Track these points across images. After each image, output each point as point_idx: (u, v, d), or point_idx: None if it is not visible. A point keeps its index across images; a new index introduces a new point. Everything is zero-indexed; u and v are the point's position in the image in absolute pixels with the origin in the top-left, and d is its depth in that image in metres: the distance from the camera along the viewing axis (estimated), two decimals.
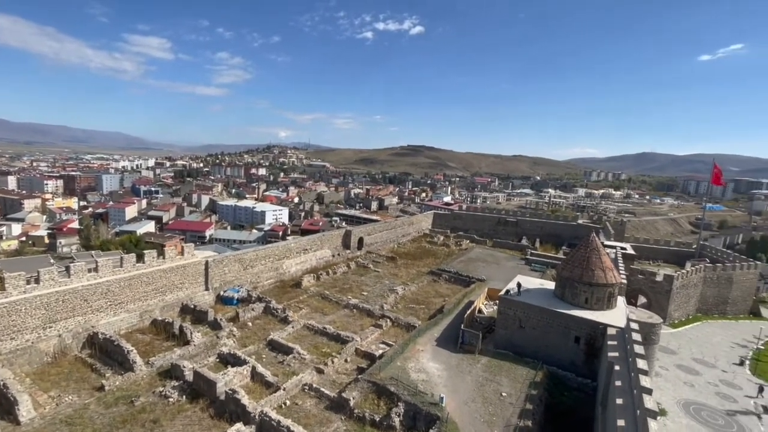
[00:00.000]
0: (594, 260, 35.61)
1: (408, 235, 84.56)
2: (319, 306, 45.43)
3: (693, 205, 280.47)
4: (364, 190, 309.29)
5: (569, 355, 33.31)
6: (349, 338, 36.07)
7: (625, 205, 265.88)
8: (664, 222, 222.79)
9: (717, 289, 62.10)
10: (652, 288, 55.26)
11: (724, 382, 41.35)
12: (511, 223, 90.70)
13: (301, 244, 58.86)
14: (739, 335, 55.66)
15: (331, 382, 30.40)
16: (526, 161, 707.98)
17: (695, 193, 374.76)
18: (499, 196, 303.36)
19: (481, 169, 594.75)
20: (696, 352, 47.88)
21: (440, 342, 35.94)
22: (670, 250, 78.75)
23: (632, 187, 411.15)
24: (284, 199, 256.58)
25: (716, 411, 35.46)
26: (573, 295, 35.61)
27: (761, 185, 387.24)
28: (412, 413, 25.73)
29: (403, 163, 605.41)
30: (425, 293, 51.64)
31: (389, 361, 31.23)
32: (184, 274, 41.49)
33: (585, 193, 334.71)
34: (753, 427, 33.66)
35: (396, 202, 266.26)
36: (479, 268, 62.39)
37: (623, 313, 34.05)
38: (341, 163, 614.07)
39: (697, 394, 38.15)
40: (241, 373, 28.92)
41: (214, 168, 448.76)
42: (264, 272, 51.33)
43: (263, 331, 38.11)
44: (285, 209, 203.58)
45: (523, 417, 26.15)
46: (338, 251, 66.07)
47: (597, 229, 73.88)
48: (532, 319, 35.08)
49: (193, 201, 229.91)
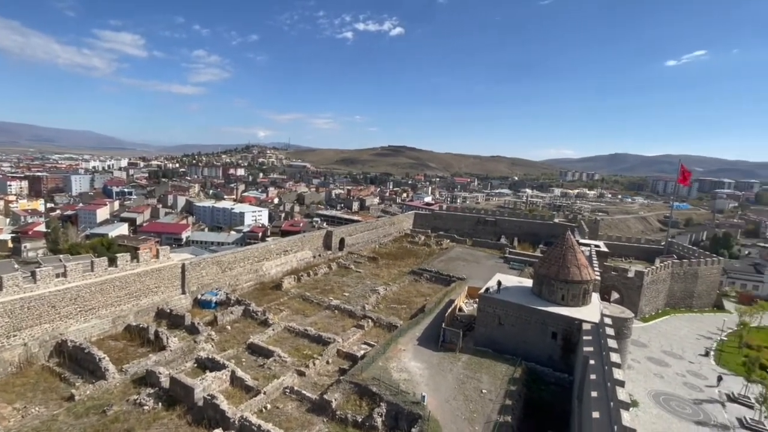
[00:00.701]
0: (569, 258, 36.67)
1: (389, 235, 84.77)
2: (300, 308, 44.97)
3: (661, 204, 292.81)
4: (345, 191, 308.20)
5: (547, 350, 34.17)
6: (330, 339, 35.86)
7: (598, 205, 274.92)
8: (635, 220, 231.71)
9: (684, 284, 65.09)
10: (624, 284, 57.38)
11: (691, 372, 43.38)
12: (490, 222, 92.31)
13: (281, 246, 58.11)
14: (704, 327, 58.55)
15: (313, 384, 30.15)
16: (504, 162, 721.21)
17: (663, 192, 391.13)
18: (478, 196, 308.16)
19: (461, 169, 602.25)
20: (665, 345, 50.03)
21: (422, 341, 36.22)
22: (641, 247, 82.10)
23: (605, 186, 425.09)
24: (264, 200, 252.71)
25: (684, 400, 37.17)
26: (550, 292, 36.56)
27: (723, 185, 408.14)
28: (394, 413, 25.82)
29: (383, 163, 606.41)
30: (407, 293, 51.91)
31: (371, 362, 31.24)
32: (159, 278, 40.27)
33: (561, 193, 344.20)
34: (717, 414, 35.47)
35: (377, 203, 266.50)
36: (459, 267, 63.20)
37: (597, 309, 35.19)
38: (322, 163, 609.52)
39: (666, 384, 39.87)
40: (219, 378, 28.31)
41: (190, 168, 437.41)
42: (243, 274, 50.42)
43: (243, 334, 37.42)
44: (264, 210, 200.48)
45: (502, 413, 26.66)
46: (319, 252, 65.59)
47: (572, 228, 76.15)
48: (510, 316, 35.81)
49: (169, 202, 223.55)
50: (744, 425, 34.39)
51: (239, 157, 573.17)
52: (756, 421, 34.71)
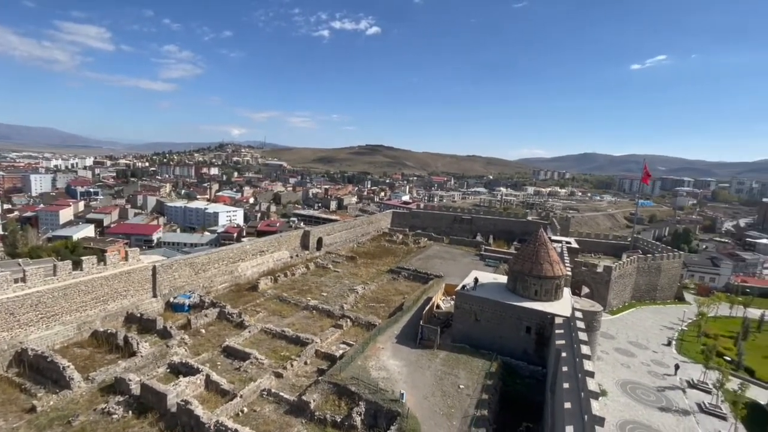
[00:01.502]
0: (542, 254, 37.82)
1: (367, 234, 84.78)
2: (277, 309, 44.37)
3: (628, 202, 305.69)
4: (323, 190, 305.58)
5: (521, 344, 35.16)
6: (308, 340, 35.59)
7: (569, 202, 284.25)
8: (603, 217, 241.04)
9: (648, 278, 68.33)
10: (594, 278, 59.68)
11: (654, 361, 45.65)
12: (467, 220, 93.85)
13: (257, 246, 57.09)
14: (666, 318, 61.68)
15: (291, 385, 29.86)
16: (479, 161, 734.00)
17: (629, 190, 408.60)
18: (455, 195, 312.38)
19: (438, 168, 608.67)
20: (631, 336, 52.40)
21: (400, 339, 36.49)
22: (609, 243, 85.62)
23: (575, 185, 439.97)
24: (239, 200, 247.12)
25: (649, 388, 39.10)
26: (524, 287, 37.61)
27: (683, 183, 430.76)
28: (373, 411, 25.93)
29: (361, 162, 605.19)
30: (385, 291, 52.12)
31: (350, 361, 31.23)
32: (128, 281, 38.77)
33: (534, 191, 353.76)
34: (679, 400, 37.53)
35: (355, 202, 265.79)
36: (437, 265, 63.98)
37: (569, 303, 36.49)
38: (299, 162, 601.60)
39: (632, 374, 41.81)
40: (194, 383, 27.58)
41: (161, 167, 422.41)
42: (218, 276, 49.23)
43: (218, 337, 36.59)
44: (239, 210, 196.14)
45: (479, 407, 27.26)
46: (297, 252, 64.84)
47: (545, 225, 78.44)
48: (486, 312, 36.60)
49: (139, 203, 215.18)
50: (703, 410, 36.54)
51: (213, 156, 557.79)
52: (713, 405, 36.95)
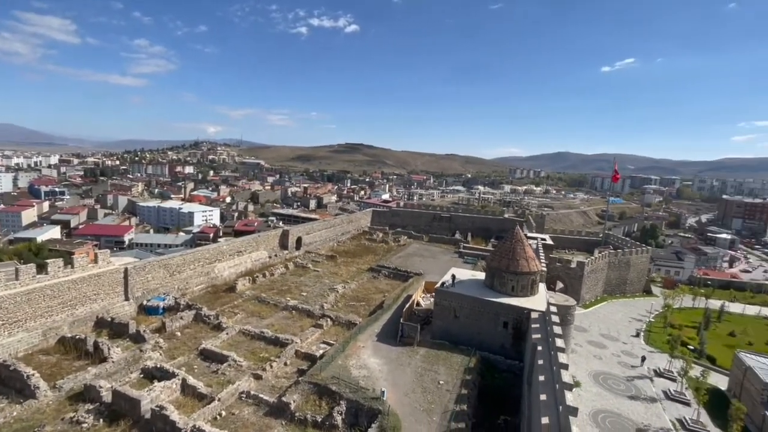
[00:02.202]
0: (518, 251, 38.77)
1: (347, 233, 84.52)
2: (255, 310, 43.71)
3: (599, 199, 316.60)
4: (302, 189, 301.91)
5: (499, 339, 35.98)
6: (288, 341, 35.25)
7: (544, 200, 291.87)
8: (576, 214, 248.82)
9: (618, 272, 71.11)
10: (568, 274, 61.60)
11: (624, 352, 47.62)
12: (445, 218, 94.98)
13: (234, 246, 55.98)
14: (635, 311, 64.40)
15: (271, 387, 29.52)
16: (458, 160, 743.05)
17: (601, 188, 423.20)
18: (434, 193, 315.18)
19: (417, 167, 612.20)
20: (603, 329, 54.46)
21: (381, 337, 36.66)
22: (582, 239, 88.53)
23: (550, 183, 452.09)
24: (215, 199, 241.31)
25: (619, 378, 40.77)
26: (501, 283, 38.47)
27: (650, 181, 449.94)
28: (354, 410, 25.98)
29: (341, 160, 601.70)
30: (365, 290, 52.16)
31: (330, 361, 31.16)
32: (98, 284, 37.30)
33: (510, 190, 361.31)
34: (647, 389, 39.33)
35: (335, 201, 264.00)
36: (417, 263, 64.52)
37: (544, 298, 37.56)
38: (277, 160, 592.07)
39: (604, 365, 43.48)
40: (169, 388, 26.86)
41: (133, 166, 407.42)
42: (193, 277, 48.01)
43: (194, 340, 35.73)
44: (216, 210, 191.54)
45: (459, 402, 27.76)
46: (275, 252, 63.98)
47: (521, 223, 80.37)
48: (465, 308, 37.24)
49: (109, 203, 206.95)
50: (668, 397, 38.44)
51: (187, 154, 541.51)
52: (678, 392, 38.93)
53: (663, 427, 33.19)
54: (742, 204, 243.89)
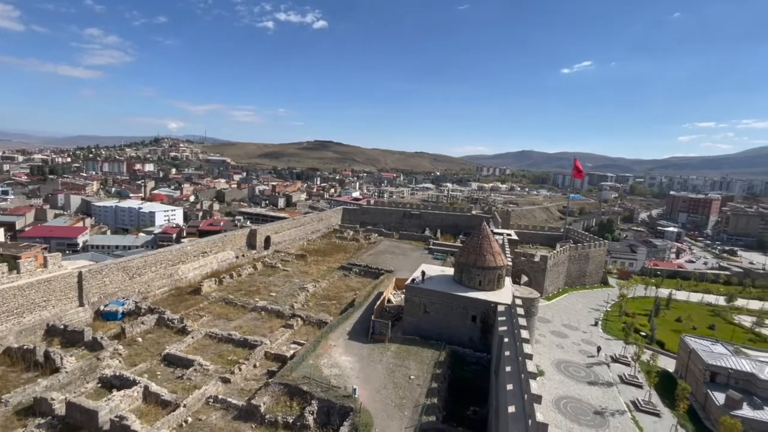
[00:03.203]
0: (485, 246, 39.92)
1: (318, 231, 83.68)
2: (222, 312, 42.49)
3: (561, 196, 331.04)
4: (270, 187, 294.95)
5: (468, 333, 36.93)
6: (257, 342, 34.55)
7: (509, 197, 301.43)
8: (539, 210, 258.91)
9: (578, 265, 74.87)
10: (532, 267, 64.17)
11: (584, 341, 50.31)
12: (415, 216, 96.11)
13: (199, 247, 54.06)
14: (594, 301, 68.15)
15: (240, 390, 28.86)
16: (427, 158, 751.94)
17: (562, 185, 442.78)
18: (404, 191, 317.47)
19: (387, 164, 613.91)
20: (565, 319, 57.24)
21: (352, 335, 36.69)
22: (545, 234, 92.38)
23: (515, 180, 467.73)
24: (177, 198, 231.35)
25: (579, 365, 43.06)
26: (469, 278, 39.49)
27: (607, 178, 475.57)
28: (326, 409, 25.88)
29: (310, 157, 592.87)
30: (336, 288, 51.96)
31: (301, 361, 30.84)
32: (48, 290, 34.92)
33: (477, 187, 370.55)
34: (604, 374, 41.81)
35: (304, 199, 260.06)
36: (387, 260, 64.97)
37: (510, 292, 38.91)
38: (243, 158, 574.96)
39: (565, 353, 45.75)
40: (130, 396, 25.64)
41: (87, 163, 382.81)
42: (155, 280, 45.97)
43: (157, 345, 34.28)
44: (179, 209, 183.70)
45: (429, 396, 28.29)
46: (243, 252, 62.34)
47: (487, 219, 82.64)
48: (435, 303, 37.94)
49: (60, 202, 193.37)
50: (623, 380, 41.06)
51: (147, 151, 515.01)
52: (632, 376, 41.66)
53: (618, 409, 35.43)
54: (686, 199, 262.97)
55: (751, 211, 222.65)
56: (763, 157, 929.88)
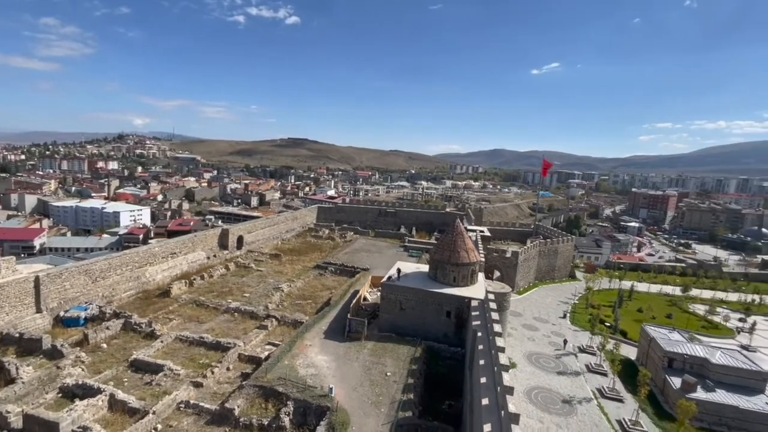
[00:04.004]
0: (459, 243, 40.64)
1: (292, 230, 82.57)
2: (193, 314, 41.29)
3: (531, 193, 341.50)
4: (243, 185, 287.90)
5: (443, 328, 37.55)
6: (230, 344, 33.82)
7: (482, 194, 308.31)
8: (511, 207, 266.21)
9: (548, 260, 77.52)
10: (504, 263, 65.89)
11: (554, 333, 52.20)
12: (391, 213, 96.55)
13: (168, 248, 52.22)
14: (563, 295, 70.77)
15: (212, 394, 28.21)
16: (402, 156, 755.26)
17: (532, 182, 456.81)
18: (379, 189, 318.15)
19: (362, 162, 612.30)
20: (535, 312, 59.16)
21: (328, 334, 36.54)
22: (516, 230, 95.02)
23: (487, 178, 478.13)
24: (144, 197, 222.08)
25: (549, 357, 44.68)
26: (443, 275, 40.12)
27: (574, 176, 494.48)
28: (302, 410, 25.71)
29: (284, 155, 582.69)
30: (312, 288, 51.53)
31: (276, 362, 30.46)
32: (1, 296, 32.79)
33: (451, 185, 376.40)
34: (572, 364, 43.55)
35: (278, 197, 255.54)
36: (363, 258, 64.98)
37: (483, 287, 39.83)
38: (214, 155, 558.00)
39: (536, 345, 47.35)
40: (94, 405, 24.55)
41: (43, 161, 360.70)
42: (121, 283, 44.07)
43: (123, 351, 32.95)
44: (146, 209, 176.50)
45: (406, 392, 28.63)
46: (214, 252, 60.70)
47: (461, 216, 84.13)
48: (410, 300, 38.33)
49: (13, 203, 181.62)
50: (590, 369, 42.95)
51: (111, 148, 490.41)
52: (598, 365, 43.64)
53: (585, 397, 37.05)
54: (646, 196, 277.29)
55: (703, 207, 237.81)
56: (713, 156, 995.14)
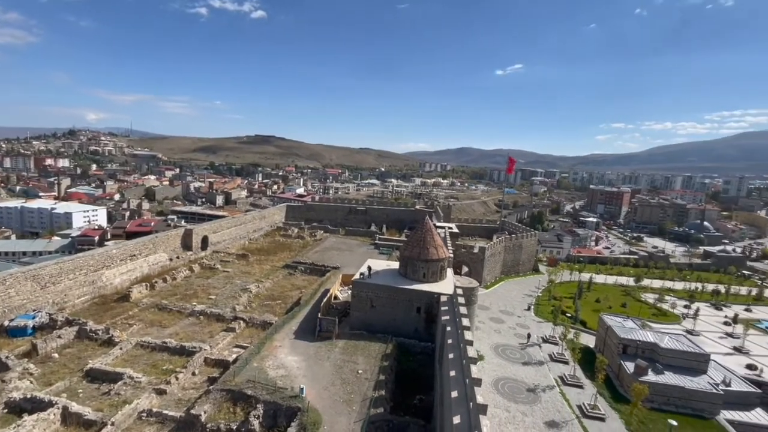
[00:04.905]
0: (428, 240, 41.32)
1: (260, 229, 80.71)
2: (155, 319, 39.57)
3: (497, 190, 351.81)
4: (207, 184, 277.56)
5: (413, 324, 38.08)
6: (196, 349, 32.71)
7: (450, 192, 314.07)
8: (478, 204, 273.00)
9: (513, 255, 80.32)
10: (471, 258, 67.63)
11: (519, 325, 54.26)
12: (361, 211, 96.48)
13: (126, 250, 49.63)
14: (527, 288, 73.64)
15: (177, 401, 27.20)
16: (372, 154, 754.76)
17: (498, 180, 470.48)
18: (349, 187, 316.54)
19: (332, 160, 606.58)
20: (501, 305, 61.22)
21: (298, 334, 36.13)
22: (483, 227, 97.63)
23: (455, 176, 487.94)
24: (100, 197, 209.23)
25: (515, 348, 46.43)
26: (413, 271, 40.67)
27: (537, 174, 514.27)
28: (272, 412, 25.31)
29: (250, 152, 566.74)
30: (281, 288, 50.70)
31: (245, 364, 29.77)
32: None
33: (421, 182, 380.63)
34: (536, 354, 45.48)
35: (245, 196, 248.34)
36: (334, 257, 64.61)
37: (451, 282, 40.71)
38: (177, 152, 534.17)
39: (502, 337, 49.04)
40: (45, 419, 23.04)
41: None
42: (74, 288, 41.45)
43: (78, 360, 31.10)
44: (101, 209, 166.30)
45: (377, 388, 28.83)
46: (178, 254, 58.32)
47: (430, 213, 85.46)
48: (381, 297, 38.58)
49: None
50: (553, 359, 45.03)
51: (61, 145, 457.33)
52: (560, 354, 45.82)
53: (549, 385, 38.84)
54: (603, 192, 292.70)
55: (653, 202, 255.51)
56: (662, 155, 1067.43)
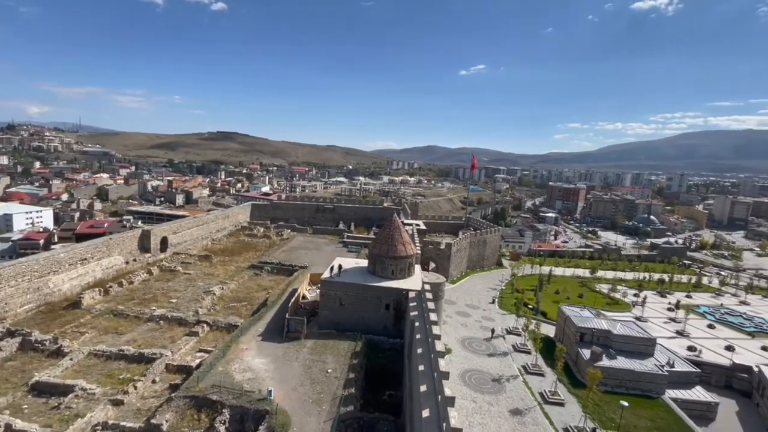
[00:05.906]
0: (396, 237, 41.75)
1: (224, 229, 78.06)
2: (110, 326, 37.41)
3: (462, 187, 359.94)
4: (166, 182, 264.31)
5: (382, 321, 38.39)
6: (156, 355, 31.28)
7: (417, 189, 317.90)
8: (444, 201, 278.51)
9: (478, 250, 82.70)
10: (438, 254, 68.97)
11: (484, 318, 56.01)
12: (329, 209, 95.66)
13: (76, 253, 46.41)
14: (491, 282, 76.11)
15: (135, 411, 25.92)
16: (339, 151, 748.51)
17: (463, 177, 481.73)
18: (317, 185, 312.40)
19: (298, 158, 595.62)
20: (467, 299, 62.92)
21: (266, 336, 35.43)
22: (449, 223, 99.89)
23: (422, 174, 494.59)
24: (45, 197, 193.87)
25: (480, 341, 47.92)
26: (382, 268, 40.96)
27: (500, 171, 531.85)
28: (239, 416, 24.73)
29: (212, 149, 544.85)
30: (247, 289, 49.41)
31: (209, 369, 28.84)
32: None
33: (388, 180, 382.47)
34: (501, 346, 47.18)
35: (207, 195, 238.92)
36: (302, 256, 63.70)
37: (419, 278, 41.37)
38: (132, 149, 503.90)
39: (468, 330, 50.47)
40: None
41: None
42: (16, 296, 38.31)
43: (22, 374, 28.87)
44: (47, 210, 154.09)
45: (347, 386, 28.85)
46: (134, 256, 55.28)
47: (398, 211, 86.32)
48: (350, 296, 38.58)
49: None
50: (516, 349, 46.91)
51: None
52: (522, 344, 47.82)
53: (512, 375, 40.44)
54: (561, 189, 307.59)
55: (606, 198, 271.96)
56: (614, 153, 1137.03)
